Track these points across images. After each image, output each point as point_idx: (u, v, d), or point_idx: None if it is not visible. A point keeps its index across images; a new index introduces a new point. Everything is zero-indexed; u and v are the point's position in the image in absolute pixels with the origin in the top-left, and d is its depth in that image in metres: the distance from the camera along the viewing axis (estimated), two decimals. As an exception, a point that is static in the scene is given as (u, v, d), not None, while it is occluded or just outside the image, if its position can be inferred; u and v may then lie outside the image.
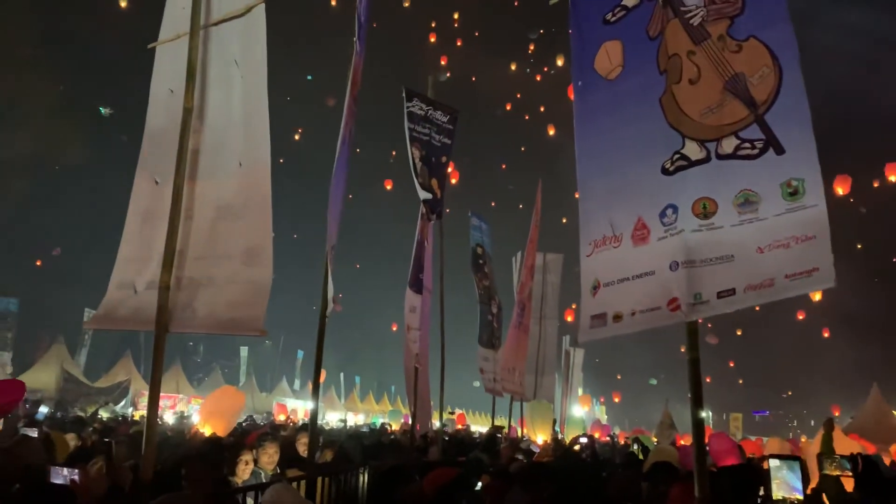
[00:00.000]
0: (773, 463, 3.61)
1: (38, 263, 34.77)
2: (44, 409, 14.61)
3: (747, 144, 3.61)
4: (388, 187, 36.24)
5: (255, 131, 4.28)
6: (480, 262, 13.92)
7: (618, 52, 4.35)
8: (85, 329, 31.99)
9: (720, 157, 3.70)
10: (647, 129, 4.03)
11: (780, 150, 3.49)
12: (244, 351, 45.88)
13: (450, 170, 10.12)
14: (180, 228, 4.20)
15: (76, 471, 3.92)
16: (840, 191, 25.74)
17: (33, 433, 6.94)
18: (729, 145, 3.68)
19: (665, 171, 3.90)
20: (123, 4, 28.84)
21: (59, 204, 34.25)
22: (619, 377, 60.66)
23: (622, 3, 4.39)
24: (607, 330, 3.95)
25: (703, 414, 3.64)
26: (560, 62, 37.56)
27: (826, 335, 42.22)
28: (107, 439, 8.01)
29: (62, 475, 3.91)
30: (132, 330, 4.44)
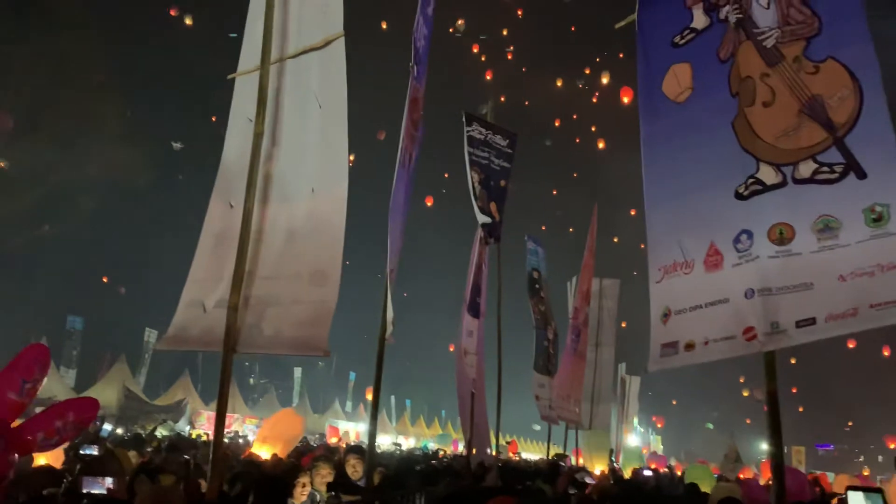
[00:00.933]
0: (854, 497, 3.43)
1: (105, 280, 35.97)
2: (107, 427, 15.01)
3: (826, 168, 3.49)
4: (429, 204, 36.17)
5: (331, 160, 4.37)
6: (537, 286, 13.81)
7: (687, 74, 4.28)
8: (146, 349, 32.87)
9: (797, 181, 3.58)
10: (719, 153, 3.94)
11: (861, 175, 3.36)
12: (298, 372, 46.45)
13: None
14: (250, 250, 4.29)
15: (110, 479, 3.99)
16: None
17: (93, 450, 7.10)
18: (807, 169, 3.56)
19: (739, 196, 3.80)
20: (189, 22, 29.66)
21: (123, 226, 35.48)
22: (674, 402, 59.08)
23: (691, 25, 4.32)
24: (679, 359, 3.84)
25: (781, 449, 3.49)
26: (606, 80, 37.13)
27: (886, 354, 40.07)
28: (186, 457, 8.19)
29: (100, 484, 3.98)
30: (201, 350, 4.54)
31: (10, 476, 3.99)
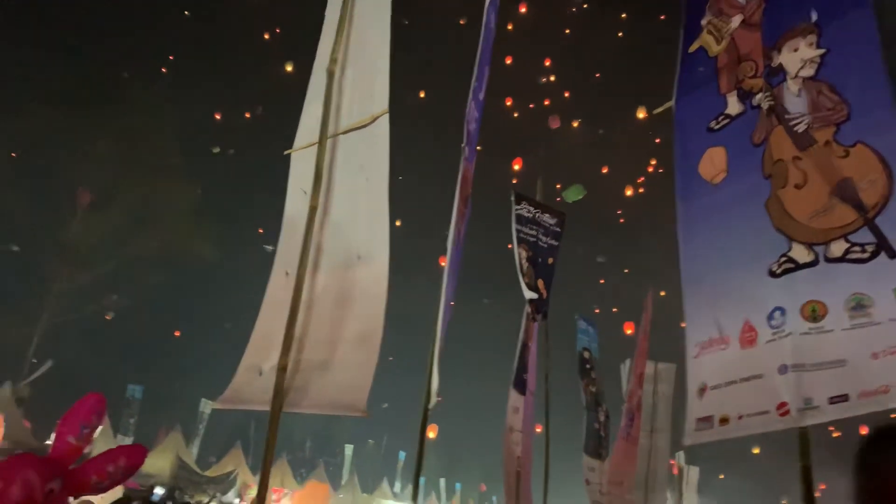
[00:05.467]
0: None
1: (177, 334, 36.94)
2: (159, 491, 15.20)
3: (857, 248, 3.58)
4: (442, 264, 35.73)
5: (376, 229, 4.68)
6: (587, 366, 13.66)
7: (722, 157, 4.47)
8: (201, 419, 33.33)
9: (829, 260, 3.68)
10: (753, 233, 4.07)
11: (892, 255, 3.45)
12: (349, 449, 46.02)
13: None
14: (301, 315, 4.54)
15: None
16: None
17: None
18: (838, 248, 3.66)
19: (772, 274, 3.90)
20: (289, 68, 30.55)
21: (182, 298, 36.66)
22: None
23: (726, 111, 4.54)
24: (714, 433, 3.88)
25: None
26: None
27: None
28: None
29: None
30: (253, 409, 4.76)
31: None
